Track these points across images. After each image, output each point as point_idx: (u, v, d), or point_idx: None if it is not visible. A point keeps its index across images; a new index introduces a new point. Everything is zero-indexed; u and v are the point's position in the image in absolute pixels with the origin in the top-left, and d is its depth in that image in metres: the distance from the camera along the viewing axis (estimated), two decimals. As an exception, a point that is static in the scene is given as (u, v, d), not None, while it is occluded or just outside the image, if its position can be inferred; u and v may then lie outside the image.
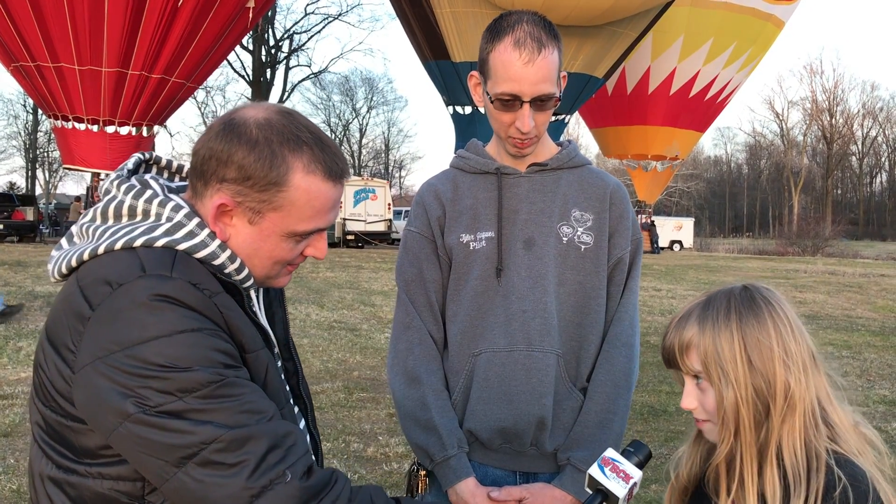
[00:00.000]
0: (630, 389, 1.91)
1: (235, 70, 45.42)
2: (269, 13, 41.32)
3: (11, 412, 5.76)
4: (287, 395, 1.39)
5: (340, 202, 1.40)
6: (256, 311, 1.38)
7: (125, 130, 19.45)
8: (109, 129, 19.17)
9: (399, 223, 31.30)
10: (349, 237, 28.88)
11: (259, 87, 43.44)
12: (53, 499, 1.26)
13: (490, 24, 1.84)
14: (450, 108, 21.29)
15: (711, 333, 1.37)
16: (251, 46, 43.64)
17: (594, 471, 1.43)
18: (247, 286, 1.34)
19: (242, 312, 1.29)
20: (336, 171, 1.31)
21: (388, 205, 30.95)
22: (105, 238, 1.27)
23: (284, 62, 47.19)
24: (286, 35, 46.88)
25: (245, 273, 1.32)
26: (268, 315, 1.49)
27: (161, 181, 1.37)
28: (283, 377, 1.48)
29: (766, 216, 73.73)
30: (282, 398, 1.34)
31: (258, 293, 1.47)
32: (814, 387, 1.36)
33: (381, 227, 30.31)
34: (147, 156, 1.45)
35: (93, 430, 1.20)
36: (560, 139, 2.05)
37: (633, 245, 1.95)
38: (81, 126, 19.04)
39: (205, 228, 1.29)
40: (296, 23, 54.54)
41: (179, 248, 1.26)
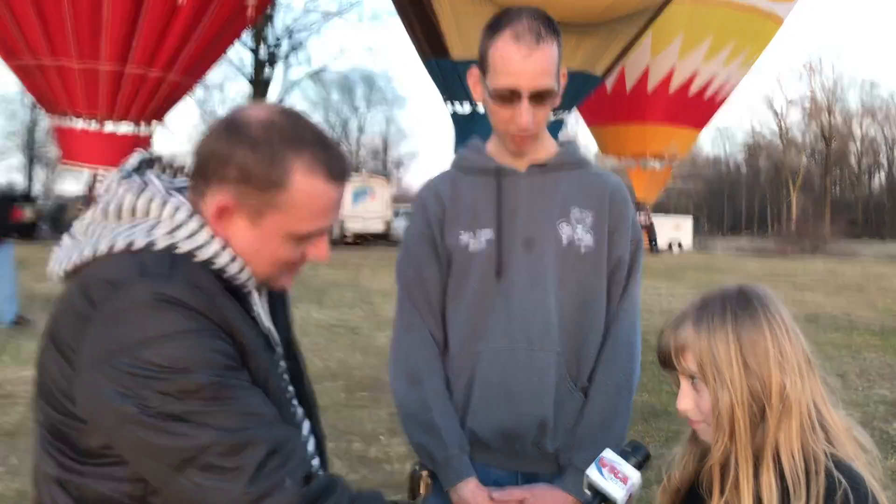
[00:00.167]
0: (632, 390, 1.91)
1: (235, 67, 45.47)
2: (269, 11, 41.21)
3: (14, 411, 5.75)
4: (289, 398, 1.39)
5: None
6: (258, 313, 1.38)
7: (124, 128, 19.40)
8: (108, 127, 19.12)
9: (398, 222, 31.30)
10: (348, 236, 28.89)
11: (258, 85, 43.32)
12: (56, 499, 1.26)
13: (490, 20, 1.83)
14: (449, 107, 21.24)
15: (707, 335, 1.36)
16: (250, 44, 43.58)
17: (592, 472, 1.43)
18: (248, 287, 1.34)
19: (244, 314, 1.29)
20: (338, 172, 1.30)
21: (388, 203, 30.95)
22: (106, 237, 1.27)
23: (284, 60, 47.15)
24: (285, 33, 46.86)
25: (246, 274, 1.32)
26: (271, 315, 1.49)
27: (163, 180, 1.37)
28: (287, 379, 1.48)
29: (765, 215, 73.65)
30: (283, 401, 1.34)
31: (261, 294, 1.47)
32: (809, 389, 1.36)
33: (381, 226, 30.30)
34: (150, 154, 1.44)
35: (94, 431, 1.20)
36: (560, 138, 2.04)
37: (634, 245, 1.94)
38: (80, 123, 18.99)
39: (205, 229, 1.28)
40: (295, 20, 54.29)
41: (180, 249, 1.25)
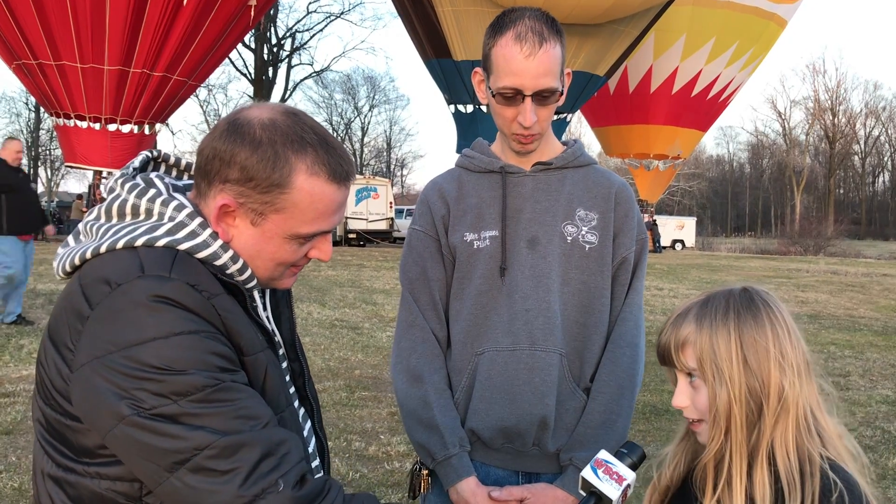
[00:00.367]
0: (634, 390, 1.90)
1: (237, 68, 45.47)
2: (271, 11, 41.29)
3: (13, 410, 5.76)
4: (289, 398, 1.38)
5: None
6: (260, 313, 1.38)
7: (127, 128, 19.42)
8: (111, 127, 19.14)
9: (401, 222, 31.33)
10: (351, 236, 28.93)
11: (261, 86, 43.40)
12: (53, 497, 1.25)
13: (493, 20, 1.84)
14: (451, 107, 21.24)
15: (708, 331, 1.36)
16: (253, 45, 43.62)
17: (587, 473, 1.42)
18: (249, 287, 1.33)
19: (243, 314, 1.28)
20: (341, 173, 1.29)
21: (390, 203, 30.98)
22: (107, 237, 1.27)
23: (286, 60, 47.19)
24: (288, 33, 46.90)
25: (248, 274, 1.31)
26: (274, 315, 1.48)
27: (167, 180, 1.36)
28: (290, 378, 1.47)
29: (769, 215, 73.64)
30: (282, 401, 1.33)
31: (264, 294, 1.46)
32: (807, 392, 1.36)
33: (383, 226, 30.33)
34: (155, 153, 1.44)
35: (90, 430, 1.19)
36: (563, 138, 2.04)
37: (639, 245, 1.94)
38: (83, 124, 19.01)
39: (207, 228, 1.28)
40: (298, 21, 54.63)
41: (180, 248, 1.25)
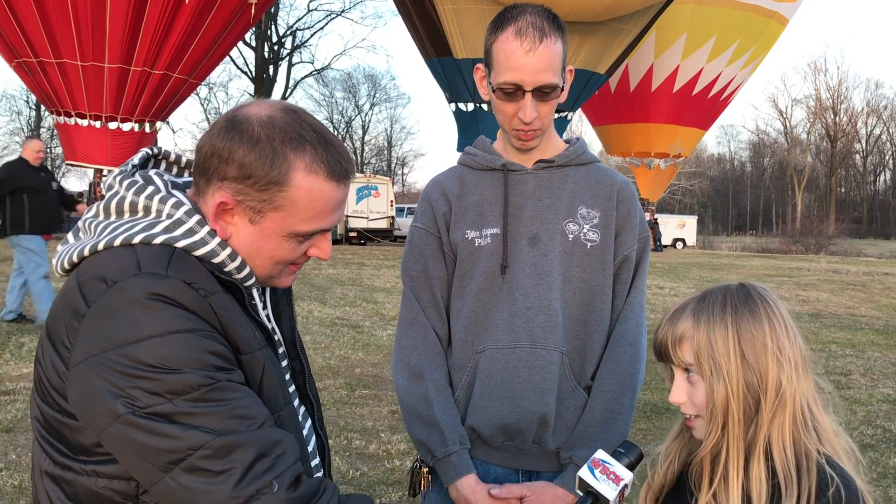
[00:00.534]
0: (636, 389, 1.90)
1: (238, 66, 45.48)
2: (272, 9, 41.29)
3: (13, 408, 5.76)
4: (288, 397, 1.37)
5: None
6: (259, 311, 1.37)
7: (127, 127, 19.43)
8: (112, 126, 19.14)
9: (401, 220, 31.34)
10: (352, 234, 28.94)
11: (261, 84, 43.40)
12: (51, 494, 1.25)
13: (495, 16, 1.84)
14: (452, 105, 21.24)
15: (706, 326, 1.36)
16: (254, 43, 43.62)
17: (584, 473, 1.42)
18: (248, 285, 1.32)
19: (240, 312, 1.27)
20: (340, 172, 1.28)
21: (391, 202, 30.99)
22: (105, 234, 1.26)
23: (287, 59, 47.19)
24: (289, 31, 46.89)
25: (246, 272, 1.31)
26: (274, 313, 1.47)
27: (166, 177, 1.35)
28: (290, 376, 1.46)
29: (770, 214, 73.62)
30: (280, 400, 1.32)
31: (264, 292, 1.45)
32: (804, 387, 1.36)
33: (384, 224, 30.34)
34: (155, 151, 1.43)
35: (87, 428, 1.19)
36: (564, 136, 2.03)
37: (641, 243, 1.94)
38: (84, 122, 19.02)
39: (205, 226, 1.27)
40: (298, 19, 54.61)
41: (178, 246, 1.24)
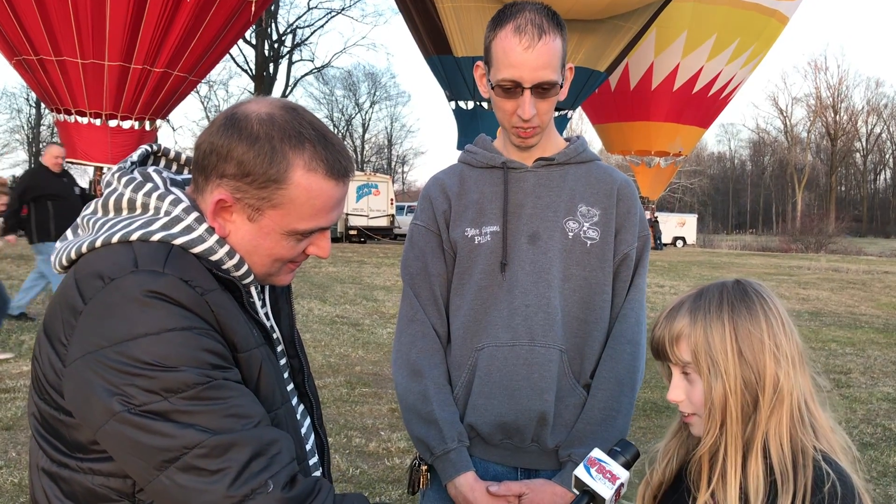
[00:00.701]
0: (635, 387, 1.89)
1: (238, 64, 45.50)
2: (272, 7, 41.25)
3: (13, 405, 5.77)
4: (285, 395, 1.37)
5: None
6: (257, 309, 1.36)
7: (127, 124, 19.42)
8: (112, 123, 19.13)
9: (401, 218, 31.34)
10: (352, 232, 28.93)
11: (262, 82, 43.38)
12: (48, 492, 1.25)
13: (494, 14, 1.84)
14: (452, 104, 21.24)
15: (703, 324, 1.36)
16: (254, 41, 43.58)
17: (580, 472, 1.42)
18: (246, 283, 1.32)
19: (238, 310, 1.27)
20: (339, 170, 1.27)
21: (391, 200, 30.97)
22: (103, 231, 1.26)
23: (287, 57, 47.16)
24: (289, 29, 46.85)
25: (244, 270, 1.30)
26: (273, 312, 1.47)
27: (165, 174, 1.35)
28: (289, 375, 1.46)
29: (770, 213, 73.61)
30: (277, 399, 1.31)
31: (263, 290, 1.45)
32: (801, 383, 1.36)
33: (384, 223, 30.33)
34: (154, 147, 1.43)
35: (82, 425, 1.19)
36: (564, 135, 2.03)
37: (641, 242, 1.93)
38: (84, 120, 19.01)
39: (203, 223, 1.27)
40: (299, 17, 54.35)
41: (176, 243, 1.24)
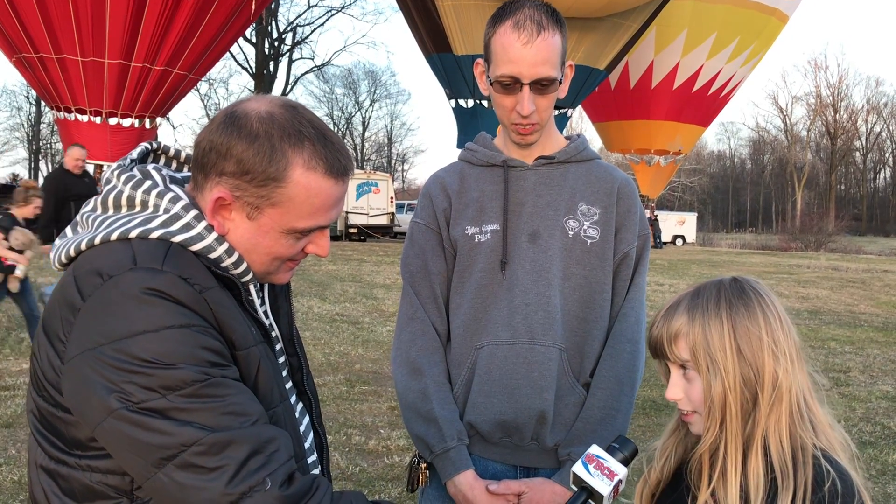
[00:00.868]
0: (634, 386, 1.89)
1: (238, 62, 45.43)
2: (272, 5, 41.20)
3: (13, 403, 5.77)
4: (284, 393, 1.36)
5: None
6: (256, 307, 1.36)
7: (127, 122, 19.42)
8: (112, 121, 19.14)
9: (401, 216, 31.33)
10: (352, 230, 28.93)
11: (262, 80, 43.36)
12: (46, 489, 1.25)
13: (494, 11, 1.84)
14: (452, 102, 21.24)
15: (701, 322, 1.36)
16: (254, 39, 43.55)
17: (578, 468, 1.42)
18: (245, 280, 1.32)
19: (237, 308, 1.27)
20: (338, 168, 1.27)
21: (391, 198, 30.97)
22: (102, 228, 1.26)
23: (287, 55, 47.12)
24: (289, 27, 46.82)
25: (243, 267, 1.30)
26: (273, 310, 1.47)
27: (164, 172, 1.35)
28: (288, 373, 1.46)
29: (770, 211, 73.61)
30: (275, 397, 1.31)
31: (262, 288, 1.45)
32: (799, 380, 1.36)
33: (384, 221, 30.33)
34: (154, 145, 1.43)
35: (80, 422, 1.19)
36: (564, 133, 2.03)
37: (641, 240, 1.93)
38: (84, 118, 19.01)
39: (202, 221, 1.27)
40: (299, 15, 54.31)
41: (174, 240, 1.24)
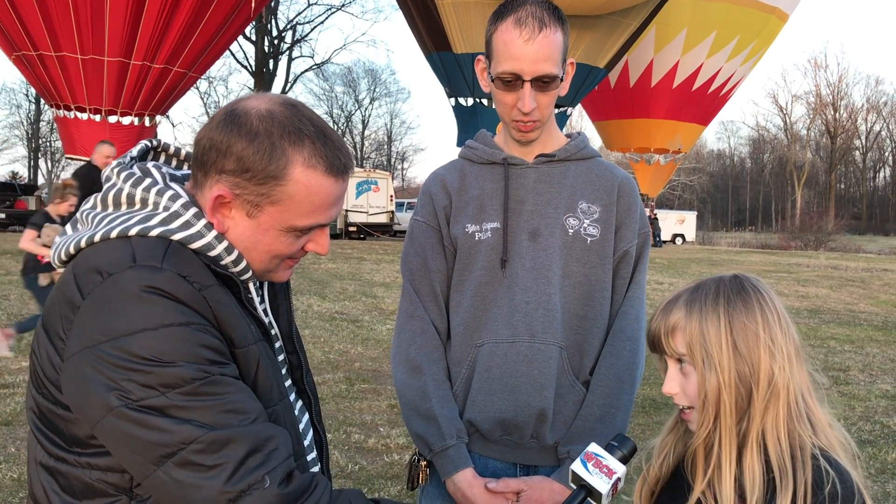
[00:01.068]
0: (634, 385, 1.89)
1: (238, 60, 45.38)
2: (272, 3, 41.19)
3: (12, 401, 5.77)
4: (283, 391, 1.36)
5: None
6: (255, 305, 1.36)
7: (127, 120, 19.42)
8: (111, 119, 19.14)
9: (401, 215, 31.33)
10: (351, 228, 28.93)
11: (261, 78, 43.34)
12: (46, 486, 1.25)
13: (496, 8, 1.84)
14: (452, 100, 21.25)
15: (698, 316, 1.36)
16: (254, 37, 43.52)
17: (576, 466, 1.42)
18: (244, 279, 1.32)
19: (236, 306, 1.27)
20: (338, 166, 1.27)
21: (391, 196, 30.97)
22: (102, 226, 1.26)
23: (287, 53, 47.09)
24: (289, 26, 46.77)
25: (242, 265, 1.30)
26: (272, 308, 1.47)
27: (164, 169, 1.35)
28: (287, 371, 1.46)
29: (769, 210, 73.63)
30: (274, 395, 1.31)
31: (261, 286, 1.45)
32: (797, 378, 1.35)
33: (384, 219, 30.33)
34: (154, 143, 1.42)
35: (80, 419, 1.19)
36: (564, 131, 2.03)
37: (641, 238, 1.93)
38: (83, 116, 19.00)
39: (202, 219, 1.26)
40: (299, 13, 54.31)
41: (174, 238, 1.24)
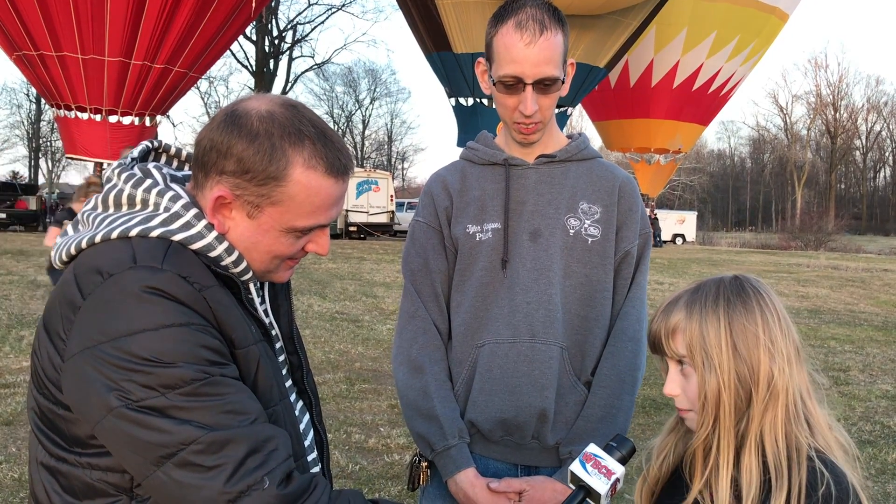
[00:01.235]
0: (636, 385, 1.90)
1: (238, 60, 45.39)
2: (273, 3, 41.19)
3: (13, 401, 5.78)
4: (283, 392, 1.37)
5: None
6: (256, 305, 1.36)
7: (128, 120, 19.45)
8: (112, 119, 19.17)
9: (401, 215, 31.33)
10: (351, 229, 28.94)
11: (262, 78, 43.36)
12: (47, 486, 1.25)
13: (496, 10, 1.84)
14: (452, 100, 21.26)
15: (698, 318, 1.36)
16: (254, 37, 43.53)
17: (575, 467, 1.42)
18: (245, 279, 1.32)
19: (236, 307, 1.27)
20: (338, 167, 1.27)
21: (391, 196, 30.98)
22: (103, 226, 1.26)
23: (287, 53, 47.09)
24: (289, 25, 46.78)
25: (242, 266, 1.30)
26: (273, 308, 1.47)
27: (165, 170, 1.35)
28: (288, 371, 1.46)
29: (769, 210, 73.64)
30: (275, 395, 1.32)
31: (262, 286, 1.45)
32: (797, 380, 1.35)
33: (384, 219, 30.34)
34: (155, 144, 1.43)
35: (80, 420, 1.19)
36: (565, 132, 2.03)
37: (642, 239, 1.93)
38: (84, 115, 19.03)
39: (202, 220, 1.27)
40: (299, 13, 54.37)
41: (174, 239, 1.24)
